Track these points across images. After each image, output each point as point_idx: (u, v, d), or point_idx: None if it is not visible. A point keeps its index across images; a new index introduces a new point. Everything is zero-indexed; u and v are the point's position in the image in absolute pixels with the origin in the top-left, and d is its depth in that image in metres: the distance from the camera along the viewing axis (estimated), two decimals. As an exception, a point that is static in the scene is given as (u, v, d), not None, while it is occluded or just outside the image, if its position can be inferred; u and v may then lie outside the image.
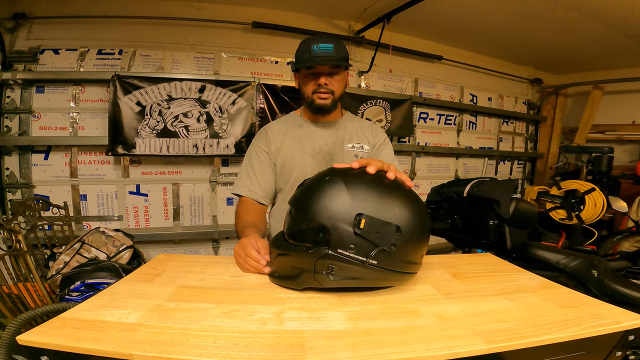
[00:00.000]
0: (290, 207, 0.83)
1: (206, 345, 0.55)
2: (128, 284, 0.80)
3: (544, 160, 4.43)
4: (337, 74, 1.27)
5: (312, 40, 1.23)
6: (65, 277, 1.75)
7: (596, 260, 1.39)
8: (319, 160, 1.34)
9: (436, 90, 3.75)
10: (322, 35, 1.27)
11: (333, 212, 0.71)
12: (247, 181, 1.33)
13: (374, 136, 1.42)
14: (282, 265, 0.82)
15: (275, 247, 0.84)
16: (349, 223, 0.70)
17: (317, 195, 0.74)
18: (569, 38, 3.22)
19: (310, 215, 0.73)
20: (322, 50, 1.20)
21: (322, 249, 0.72)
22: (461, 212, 1.76)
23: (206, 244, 2.93)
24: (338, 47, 1.23)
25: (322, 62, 1.21)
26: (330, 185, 0.75)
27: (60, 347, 0.54)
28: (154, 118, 2.58)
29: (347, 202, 0.71)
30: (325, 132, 1.37)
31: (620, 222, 3.34)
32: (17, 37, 2.50)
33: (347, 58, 1.27)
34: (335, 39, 1.26)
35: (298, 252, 0.76)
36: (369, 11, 2.91)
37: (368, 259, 0.70)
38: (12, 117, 2.49)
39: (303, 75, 1.29)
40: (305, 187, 0.81)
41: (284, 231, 0.86)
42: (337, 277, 0.72)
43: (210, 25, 2.77)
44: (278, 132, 1.37)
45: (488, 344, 0.57)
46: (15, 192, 2.52)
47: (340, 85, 1.30)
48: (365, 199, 0.72)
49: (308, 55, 1.22)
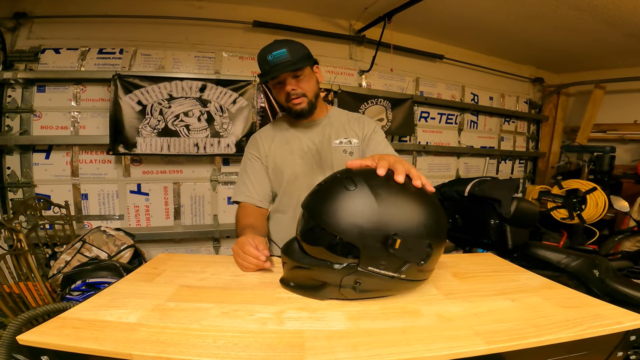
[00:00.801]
0: (308, 218, 0.77)
1: (206, 345, 0.55)
2: (128, 284, 0.81)
3: (545, 159, 4.42)
4: (302, 75, 1.24)
5: (266, 50, 1.20)
6: (66, 276, 1.75)
7: (597, 260, 1.38)
8: (308, 160, 1.33)
9: (437, 90, 3.74)
10: (275, 42, 1.23)
11: (365, 231, 0.67)
12: (244, 187, 1.34)
13: (361, 128, 1.38)
14: (299, 276, 0.78)
15: (291, 259, 0.78)
16: (381, 242, 0.67)
17: (345, 212, 0.69)
18: (570, 37, 3.21)
19: (339, 232, 0.68)
20: (277, 58, 1.18)
21: (351, 266, 0.70)
22: (462, 211, 1.76)
23: (207, 243, 2.93)
24: (292, 49, 1.20)
25: (281, 71, 1.18)
26: (359, 200, 0.69)
27: (60, 347, 0.54)
28: (154, 117, 2.58)
29: (380, 220, 0.67)
30: (311, 131, 1.36)
31: (622, 222, 3.33)
32: (18, 37, 2.50)
33: (306, 56, 1.24)
34: (288, 41, 1.23)
35: (322, 268, 0.72)
36: (370, 10, 2.90)
37: (399, 274, 0.70)
38: (13, 116, 2.49)
39: (272, 86, 1.29)
40: (327, 199, 0.72)
41: (299, 240, 0.80)
42: (364, 290, 0.72)
43: (211, 24, 2.77)
44: (266, 138, 1.38)
45: (489, 345, 0.56)
46: (16, 191, 2.52)
47: (310, 85, 1.27)
48: (398, 216, 0.69)
49: (267, 67, 1.20)
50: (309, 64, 1.25)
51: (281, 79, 1.23)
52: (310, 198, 0.78)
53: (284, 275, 0.82)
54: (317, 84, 1.32)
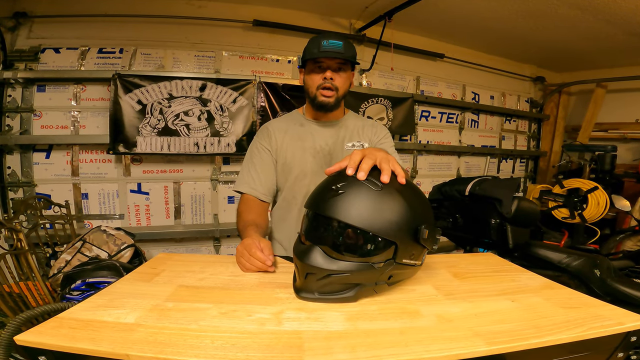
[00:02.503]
0: (338, 226, 0.72)
1: (204, 346, 0.55)
2: (127, 284, 0.80)
3: (546, 158, 4.41)
4: (343, 71, 1.27)
5: (322, 36, 1.24)
6: (67, 275, 1.76)
7: (599, 259, 1.38)
8: (319, 160, 1.33)
9: (438, 89, 3.73)
10: (333, 33, 1.27)
11: (399, 226, 0.70)
12: (249, 178, 1.31)
13: (374, 133, 1.41)
14: (327, 284, 0.72)
15: (321, 268, 0.71)
16: (412, 234, 0.72)
17: (379, 211, 0.70)
18: (571, 36, 3.19)
19: (377, 232, 0.69)
20: (331, 45, 1.21)
21: (389, 262, 0.72)
22: (463, 210, 1.75)
23: (207, 243, 2.93)
24: (347, 46, 1.24)
25: (331, 56, 1.21)
26: (388, 197, 0.72)
27: (57, 348, 0.54)
28: (154, 117, 2.58)
29: (409, 213, 0.72)
30: (326, 131, 1.36)
31: (623, 221, 3.32)
32: (18, 36, 2.50)
33: (355, 57, 1.28)
34: (346, 38, 1.26)
35: (363, 270, 0.71)
36: (370, 9, 2.90)
37: (421, 261, 0.78)
38: (13, 116, 2.49)
39: (309, 69, 1.28)
40: (358, 202, 0.70)
41: (328, 249, 0.73)
42: (394, 282, 0.77)
43: (211, 23, 2.77)
44: (279, 130, 1.36)
45: (489, 346, 0.56)
46: (16, 190, 2.52)
47: (345, 83, 1.30)
48: (419, 207, 0.75)
49: (317, 50, 1.22)
50: (353, 63, 1.28)
51: (325, 65, 1.25)
52: (334, 205, 0.71)
53: (303, 287, 0.75)
54: (350, 85, 1.35)
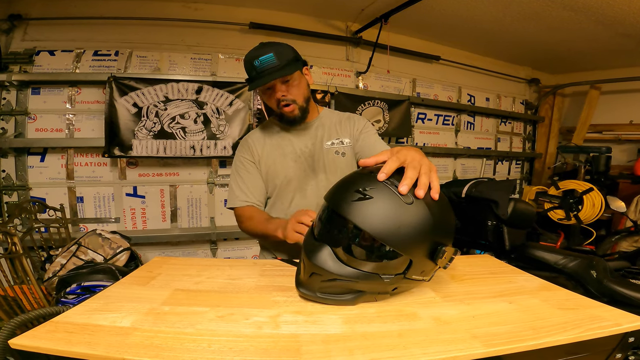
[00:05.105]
0: (356, 231, 0.69)
1: (201, 350, 0.55)
2: (123, 287, 0.80)
3: (541, 160, 4.44)
4: (291, 80, 1.21)
5: (252, 55, 1.17)
6: (62, 279, 1.74)
7: (595, 260, 1.39)
8: (301, 164, 1.31)
9: (434, 91, 3.75)
10: (261, 45, 1.19)
11: (419, 244, 0.68)
12: (239, 192, 1.31)
13: (352, 126, 1.36)
14: (330, 287, 0.72)
15: (329, 271, 0.70)
16: (430, 252, 0.69)
17: (404, 227, 0.66)
18: (565, 38, 3.23)
19: (395, 246, 0.66)
20: (264, 63, 1.14)
21: (399, 277, 0.71)
22: (459, 212, 1.76)
23: (204, 246, 2.92)
24: (279, 53, 1.15)
25: (268, 79, 1.14)
26: (416, 213, 0.67)
27: (52, 352, 0.53)
28: (150, 119, 2.57)
29: (431, 233, 0.68)
30: (303, 135, 1.34)
31: (619, 222, 3.34)
32: (12, 39, 2.49)
33: (294, 59, 1.20)
34: (275, 44, 1.19)
35: (370, 280, 0.70)
36: (367, 12, 2.91)
37: (429, 277, 0.76)
38: (7, 118, 2.47)
39: (261, 92, 1.25)
40: (384, 213, 0.66)
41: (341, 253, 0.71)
42: (396, 293, 0.76)
43: (208, 26, 2.77)
44: (258, 141, 1.35)
45: (486, 348, 0.56)
46: (11, 194, 2.50)
47: (300, 89, 1.24)
48: (444, 226, 0.71)
49: (254, 72, 1.16)
50: (297, 68, 1.21)
51: (270, 85, 1.20)
52: (357, 210, 0.68)
53: (306, 284, 0.75)
54: (308, 87, 1.29)
